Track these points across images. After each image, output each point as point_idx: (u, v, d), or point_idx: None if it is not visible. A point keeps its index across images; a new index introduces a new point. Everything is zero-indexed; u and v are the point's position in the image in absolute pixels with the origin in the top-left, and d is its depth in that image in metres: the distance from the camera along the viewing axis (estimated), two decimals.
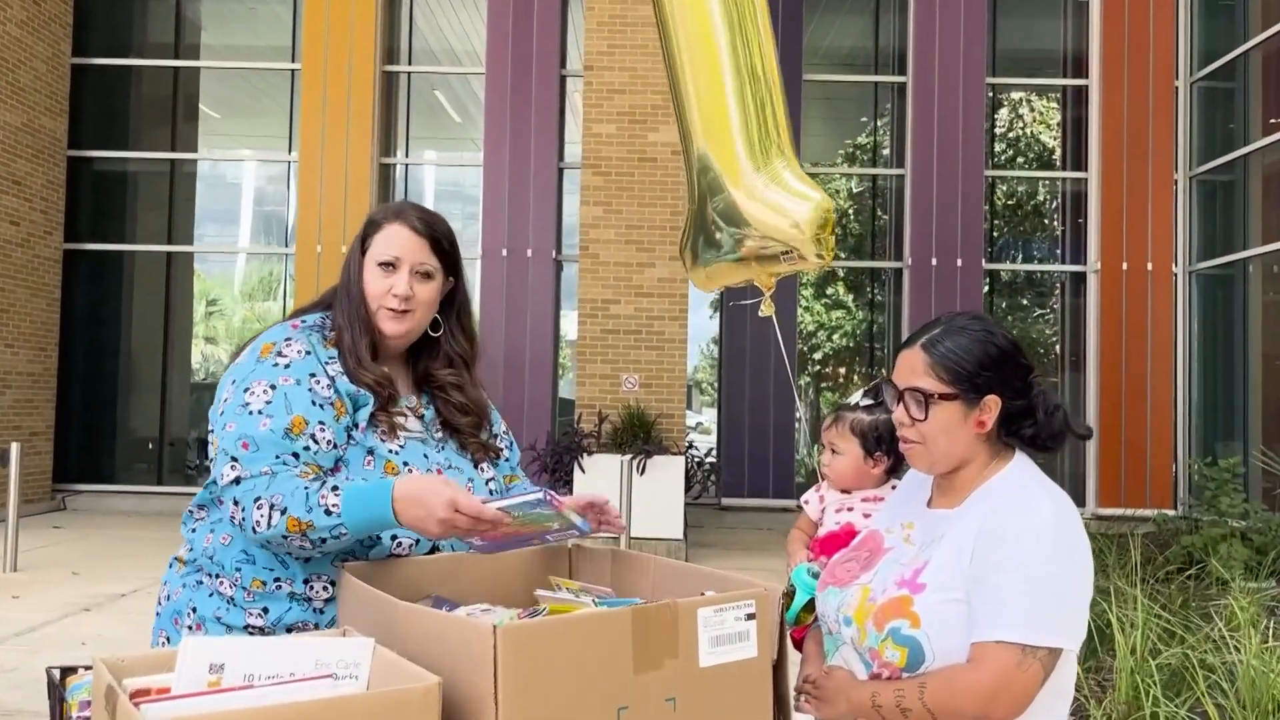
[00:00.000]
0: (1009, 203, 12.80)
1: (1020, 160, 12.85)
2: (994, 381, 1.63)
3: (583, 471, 8.77)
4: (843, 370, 13.67)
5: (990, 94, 11.99)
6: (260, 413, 1.73)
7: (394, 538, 1.79)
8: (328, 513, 1.63)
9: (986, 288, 11.83)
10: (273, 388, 1.76)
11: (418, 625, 1.37)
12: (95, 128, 12.03)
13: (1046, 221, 12.80)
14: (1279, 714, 3.73)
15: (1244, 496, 8.71)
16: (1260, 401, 10.48)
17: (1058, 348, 12.21)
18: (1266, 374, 10.46)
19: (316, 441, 1.74)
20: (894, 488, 2.14)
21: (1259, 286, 10.69)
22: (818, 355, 13.29)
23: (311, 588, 1.80)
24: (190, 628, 1.83)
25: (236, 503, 1.70)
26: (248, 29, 12.74)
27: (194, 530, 1.90)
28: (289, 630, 1.79)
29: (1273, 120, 10.62)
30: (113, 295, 12.16)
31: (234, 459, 1.72)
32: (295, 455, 1.73)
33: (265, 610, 1.79)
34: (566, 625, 1.32)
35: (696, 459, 9.70)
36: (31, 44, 10.98)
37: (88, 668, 1.55)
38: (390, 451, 1.82)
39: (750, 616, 1.45)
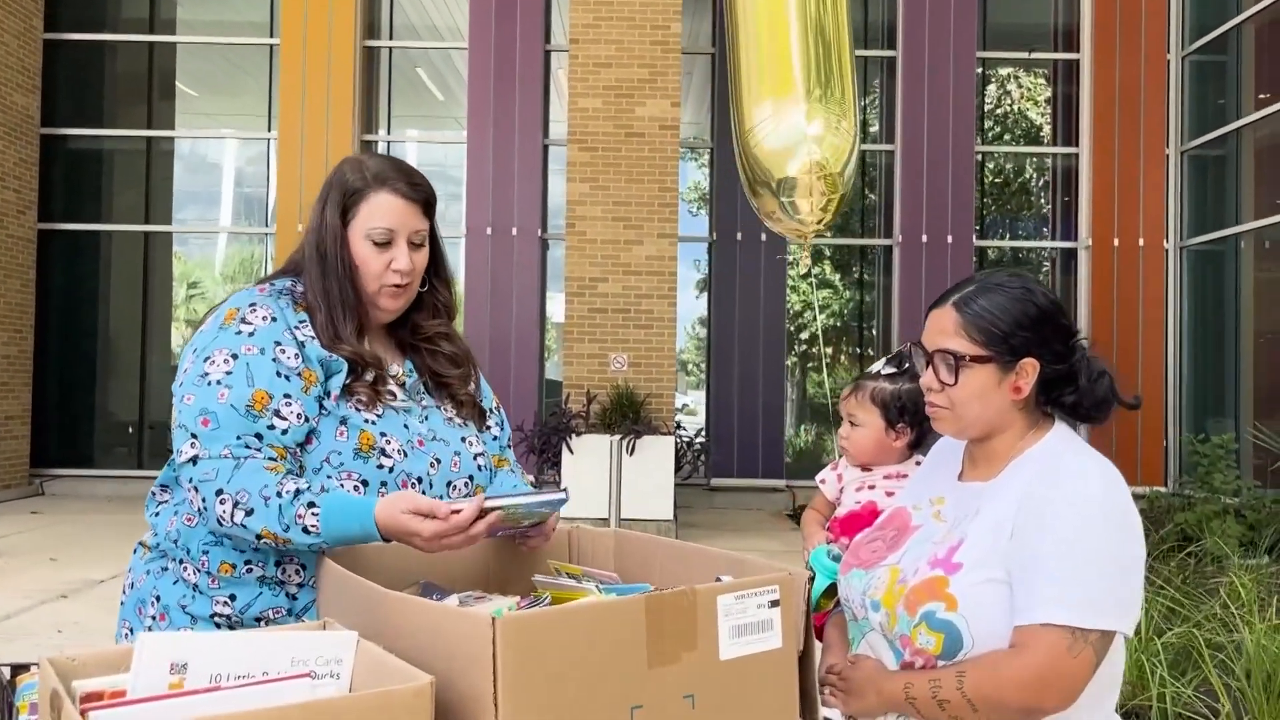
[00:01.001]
0: (999, 179, 12.68)
1: (1007, 137, 12.72)
2: (1032, 343, 1.48)
3: (571, 452, 8.64)
4: (829, 350, 13.54)
5: (981, 69, 11.85)
6: (219, 383, 1.60)
7: None
8: (306, 531, 1.52)
9: (977, 265, 11.72)
10: (234, 357, 1.62)
11: (407, 617, 1.23)
12: (69, 105, 11.76)
13: (1038, 197, 12.69)
14: None
15: (1237, 473, 8.66)
16: (1251, 377, 10.42)
17: None
18: (1258, 350, 10.39)
19: (282, 418, 1.60)
20: (918, 464, 2.01)
21: (1250, 262, 10.61)
22: (804, 335, 13.16)
23: (284, 571, 1.67)
24: (154, 618, 1.69)
25: (196, 489, 1.57)
26: (224, 3, 12.47)
27: (157, 514, 1.76)
28: (258, 619, 1.66)
29: (1263, 95, 10.52)
30: (89, 276, 11.92)
31: (193, 436, 1.58)
32: (258, 436, 1.59)
33: (232, 598, 1.66)
34: (574, 615, 1.18)
35: (686, 439, 9.57)
36: (2, 19, 10.69)
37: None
38: (366, 422, 1.68)
39: (774, 603, 1.32)
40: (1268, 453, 8.67)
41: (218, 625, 1.65)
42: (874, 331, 12.32)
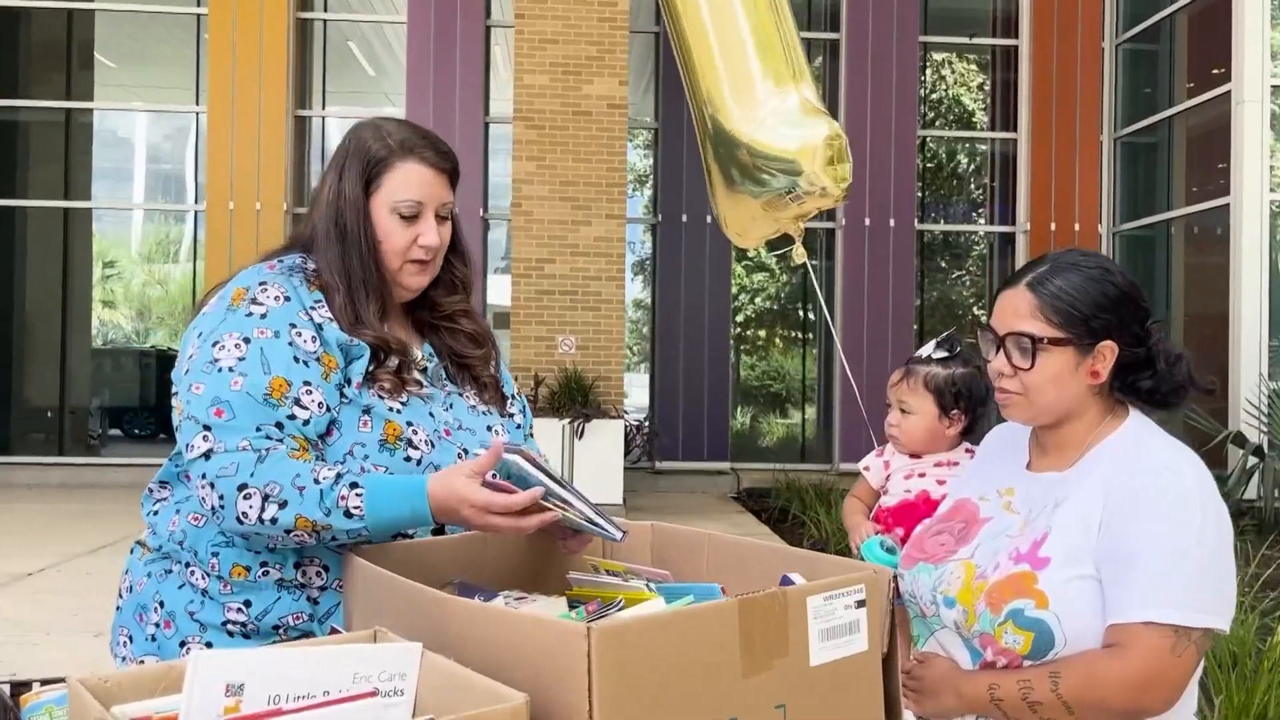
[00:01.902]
0: (940, 163, 12.79)
1: (940, 123, 12.82)
2: (1111, 325, 1.42)
3: None
4: (763, 334, 13.56)
5: (923, 53, 11.91)
6: (232, 370, 1.44)
7: None
8: (348, 515, 1.38)
9: (918, 248, 11.82)
10: (246, 341, 1.47)
11: (477, 625, 1.11)
12: None
13: (977, 182, 12.83)
14: (1266, 675, 3.68)
15: None
16: None
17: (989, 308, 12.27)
18: (1188, 334, 10.66)
19: (303, 407, 1.46)
20: (968, 452, 1.93)
21: (1181, 248, 10.88)
22: (740, 319, 13.14)
23: (304, 573, 1.52)
24: (158, 625, 1.54)
25: (211, 485, 1.41)
26: None
27: (156, 512, 1.60)
28: (276, 628, 1.52)
29: (1192, 84, 10.74)
30: (4, 254, 11.38)
31: (206, 428, 1.42)
32: (279, 425, 1.44)
33: (247, 604, 1.51)
34: (669, 623, 1.08)
35: (635, 422, 9.49)
36: None
37: (44, 681, 1.26)
38: (391, 410, 1.54)
39: (860, 604, 1.23)
40: (1200, 433, 8.89)
41: (230, 634, 1.51)
42: (817, 314, 12.36)
